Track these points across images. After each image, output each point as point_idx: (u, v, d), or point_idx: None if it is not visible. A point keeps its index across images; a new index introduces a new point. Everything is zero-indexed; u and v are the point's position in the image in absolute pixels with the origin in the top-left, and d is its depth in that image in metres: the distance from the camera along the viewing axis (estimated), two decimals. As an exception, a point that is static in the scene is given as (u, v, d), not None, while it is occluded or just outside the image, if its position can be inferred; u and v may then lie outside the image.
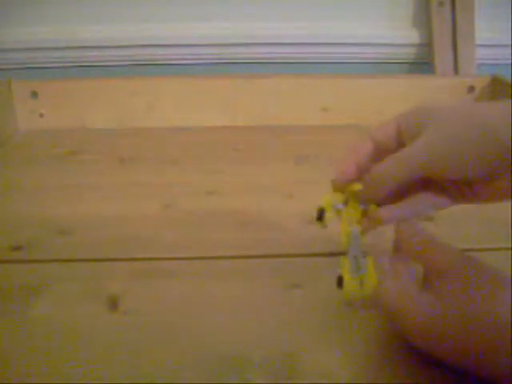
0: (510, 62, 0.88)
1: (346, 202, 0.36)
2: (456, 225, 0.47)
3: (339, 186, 0.36)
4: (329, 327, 0.34)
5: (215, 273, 0.41)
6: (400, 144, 0.34)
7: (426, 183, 0.35)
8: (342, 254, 0.42)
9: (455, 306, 0.28)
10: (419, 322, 0.29)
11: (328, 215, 0.36)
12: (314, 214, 0.36)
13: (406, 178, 0.32)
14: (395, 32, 0.88)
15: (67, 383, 0.30)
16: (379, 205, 0.35)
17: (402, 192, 0.35)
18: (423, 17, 0.88)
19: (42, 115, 0.78)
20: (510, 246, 0.43)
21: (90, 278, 0.40)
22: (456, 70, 0.84)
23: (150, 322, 0.35)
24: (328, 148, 0.70)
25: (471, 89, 0.79)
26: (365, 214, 0.36)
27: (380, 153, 0.35)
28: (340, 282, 0.34)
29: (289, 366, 0.31)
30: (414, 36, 0.88)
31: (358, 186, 0.35)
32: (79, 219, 0.50)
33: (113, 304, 0.37)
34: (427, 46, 0.87)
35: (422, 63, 0.89)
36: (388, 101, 0.79)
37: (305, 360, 0.31)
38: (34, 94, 0.77)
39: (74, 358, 0.32)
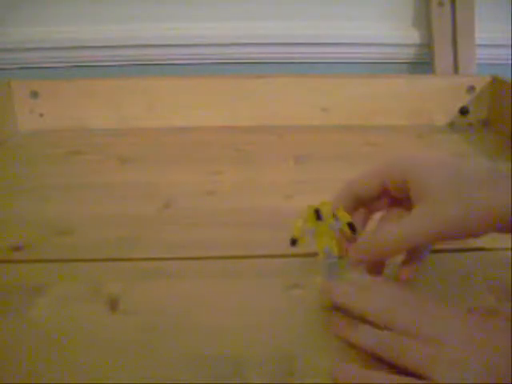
0: (509, 61, 0.88)
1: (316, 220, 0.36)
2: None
3: None
4: (329, 327, 0.34)
5: (215, 273, 0.41)
6: (384, 195, 0.37)
7: None
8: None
9: None
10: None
11: (302, 241, 0.36)
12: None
13: (414, 245, 0.34)
14: (395, 32, 0.88)
15: (67, 383, 0.30)
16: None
17: None
18: (423, 17, 0.88)
19: (42, 115, 0.78)
20: (510, 246, 0.42)
21: (90, 278, 0.40)
22: (456, 69, 0.84)
23: (149, 322, 0.35)
24: (328, 148, 0.70)
25: (471, 89, 0.79)
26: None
27: (359, 203, 0.37)
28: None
29: (289, 366, 0.31)
30: (414, 36, 0.88)
31: (329, 204, 0.36)
32: (79, 219, 0.50)
33: (113, 304, 0.37)
34: (427, 46, 0.88)
35: (422, 63, 0.89)
36: (388, 101, 0.79)
37: (305, 360, 0.31)
38: (34, 94, 0.78)
39: (74, 358, 0.32)
